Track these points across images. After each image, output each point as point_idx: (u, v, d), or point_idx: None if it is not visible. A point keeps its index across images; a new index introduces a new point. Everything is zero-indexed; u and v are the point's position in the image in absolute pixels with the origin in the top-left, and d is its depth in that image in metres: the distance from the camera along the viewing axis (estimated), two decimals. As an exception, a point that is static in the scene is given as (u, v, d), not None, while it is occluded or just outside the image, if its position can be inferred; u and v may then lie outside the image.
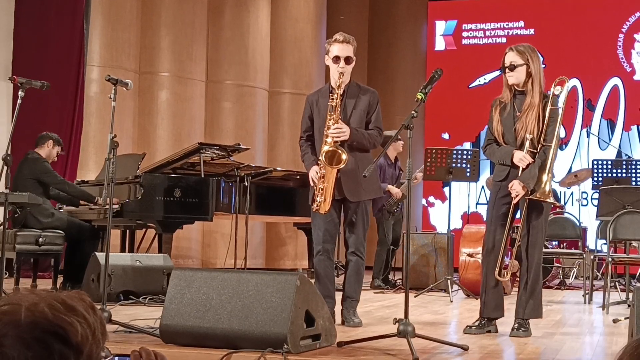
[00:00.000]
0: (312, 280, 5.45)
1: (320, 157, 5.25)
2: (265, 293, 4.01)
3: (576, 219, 8.54)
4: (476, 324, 5.18)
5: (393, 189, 8.89)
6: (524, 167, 5.05)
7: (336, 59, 5.36)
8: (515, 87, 5.15)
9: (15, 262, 7.00)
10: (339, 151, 5.21)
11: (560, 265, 10.08)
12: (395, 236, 9.17)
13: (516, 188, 5.05)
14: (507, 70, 5.09)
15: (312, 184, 5.35)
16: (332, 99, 5.30)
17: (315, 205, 5.29)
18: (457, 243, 8.86)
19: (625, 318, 5.57)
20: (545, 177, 5.03)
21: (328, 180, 5.24)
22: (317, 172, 5.28)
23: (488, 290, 5.20)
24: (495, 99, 5.28)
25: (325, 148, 5.23)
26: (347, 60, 5.36)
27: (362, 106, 5.41)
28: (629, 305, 6.38)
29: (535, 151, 5.06)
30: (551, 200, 5.09)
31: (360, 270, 5.49)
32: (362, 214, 5.42)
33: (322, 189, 5.25)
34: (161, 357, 1.60)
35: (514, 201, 5.10)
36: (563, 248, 9.87)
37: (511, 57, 5.10)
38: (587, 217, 11.38)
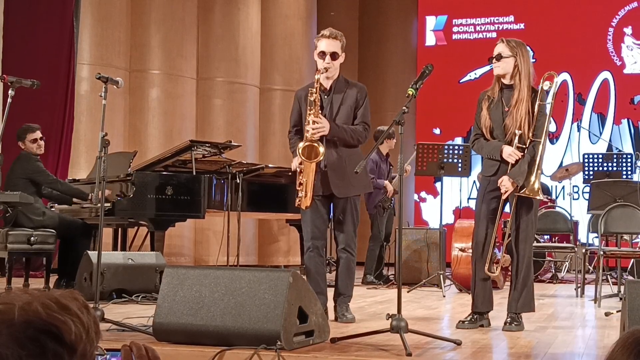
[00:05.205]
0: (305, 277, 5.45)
1: (298, 153, 5.25)
2: (258, 290, 4.01)
3: (567, 212, 8.56)
4: (468, 318, 5.19)
5: (389, 185, 8.92)
6: (513, 162, 5.06)
7: (321, 54, 5.35)
8: (503, 80, 5.16)
9: (7, 261, 6.97)
10: (315, 145, 5.20)
11: (552, 259, 10.12)
12: (386, 232, 9.20)
13: (505, 184, 5.06)
14: (494, 60, 5.11)
15: (292, 168, 5.37)
16: (311, 93, 5.29)
17: (297, 200, 5.30)
18: (449, 238, 8.88)
19: (617, 311, 5.59)
20: (534, 174, 5.03)
21: (307, 175, 5.24)
22: (297, 162, 5.30)
23: (477, 285, 5.21)
24: (483, 93, 5.28)
25: (301, 145, 5.23)
26: (333, 55, 5.35)
27: (349, 102, 5.40)
28: (620, 298, 6.40)
29: (524, 146, 5.07)
30: (540, 197, 5.11)
31: (351, 267, 5.49)
32: (351, 210, 5.41)
33: (301, 184, 5.26)
34: (151, 351, 1.60)
35: (503, 197, 5.11)
36: (555, 242, 9.91)
37: (500, 48, 5.13)
38: (579, 210, 11.41)
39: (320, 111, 5.30)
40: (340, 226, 5.42)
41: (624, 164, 9.09)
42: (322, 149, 5.18)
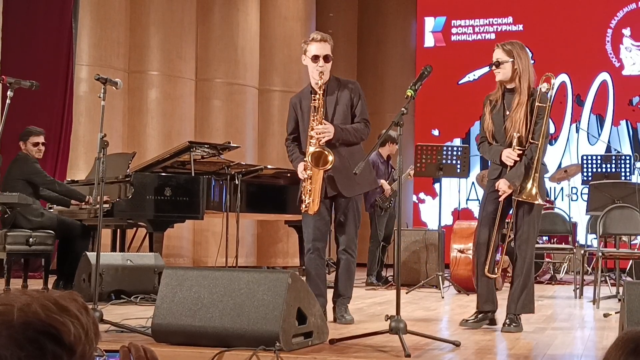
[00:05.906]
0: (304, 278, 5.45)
1: (306, 159, 5.24)
2: (257, 291, 4.01)
3: (566, 214, 8.56)
4: (472, 317, 5.19)
5: (385, 184, 8.92)
6: (512, 164, 5.07)
7: (315, 58, 5.33)
8: (505, 84, 5.16)
9: (6, 262, 6.97)
10: (325, 152, 5.20)
11: (550, 261, 10.12)
12: (387, 232, 9.20)
13: (502, 187, 5.07)
14: (494, 67, 5.12)
15: (301, 177, 5.34)
16: (315, 99, 5.29)
17: (304, 206, 5.29)
18: (448, 239, 8.87)
19: (616, 312, 5.60)
20: (531, 178, 5.02)
21: (315, 182, 5.24)
22: (304, 168, 5.27)
23: (480, 283, 5.22)
24: (487, 96, 5.28)
25: (311, 150, 5.22)
26: (326, 58, 5.34)
27: (344, 101, 5.39)
28: (619, 300, 6.41)
29: (523, 149, 5.07)
30: (539, 202, 5.09)
31: (351, 268, 5.49)
32: (353, 212, 5.41)
33: (309, 190, 5.25)
34: (150, 352, 1.60)
35: (501, 199, 5.12)
36: (553, 243, 9.92)
37: (497, 54, 5.14)
38: (577, 212, 11.41)
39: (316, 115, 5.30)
40: (342, 228, 5.42)
41: (623, 166, 9.10)
42: (331, 157, 5.17)
